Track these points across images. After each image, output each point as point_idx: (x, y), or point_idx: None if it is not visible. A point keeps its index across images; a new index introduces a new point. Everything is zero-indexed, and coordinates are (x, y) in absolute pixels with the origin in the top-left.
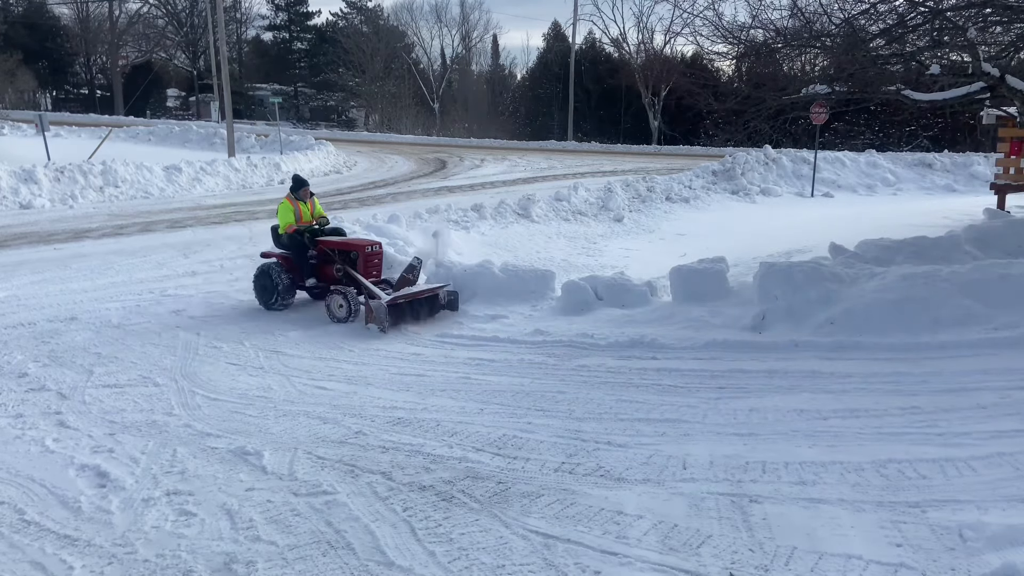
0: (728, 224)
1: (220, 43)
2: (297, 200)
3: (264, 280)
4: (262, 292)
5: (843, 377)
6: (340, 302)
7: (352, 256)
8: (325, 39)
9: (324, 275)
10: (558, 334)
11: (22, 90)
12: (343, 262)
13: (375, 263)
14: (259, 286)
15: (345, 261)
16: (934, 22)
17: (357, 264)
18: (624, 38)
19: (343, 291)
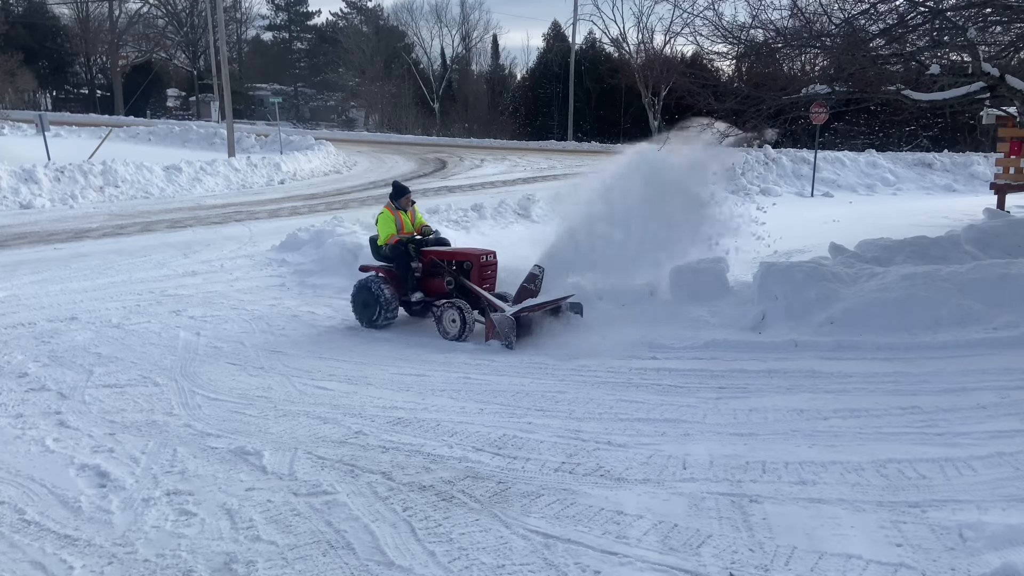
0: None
1: (220, 43)
2: (398, 209)
3: (365, 295)
4: (363, 308)
5: (843, 377)
6: (453, 317)
7: (465, 267)
8: (325, 39)
9: (430, 289)
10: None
11: (22, 90)
12: (455, 274)
13: (490, 274)
14: (359, 302)
15: (458, 272)
16: (934, 22)
17: (471, 275)
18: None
19: (458, 305)
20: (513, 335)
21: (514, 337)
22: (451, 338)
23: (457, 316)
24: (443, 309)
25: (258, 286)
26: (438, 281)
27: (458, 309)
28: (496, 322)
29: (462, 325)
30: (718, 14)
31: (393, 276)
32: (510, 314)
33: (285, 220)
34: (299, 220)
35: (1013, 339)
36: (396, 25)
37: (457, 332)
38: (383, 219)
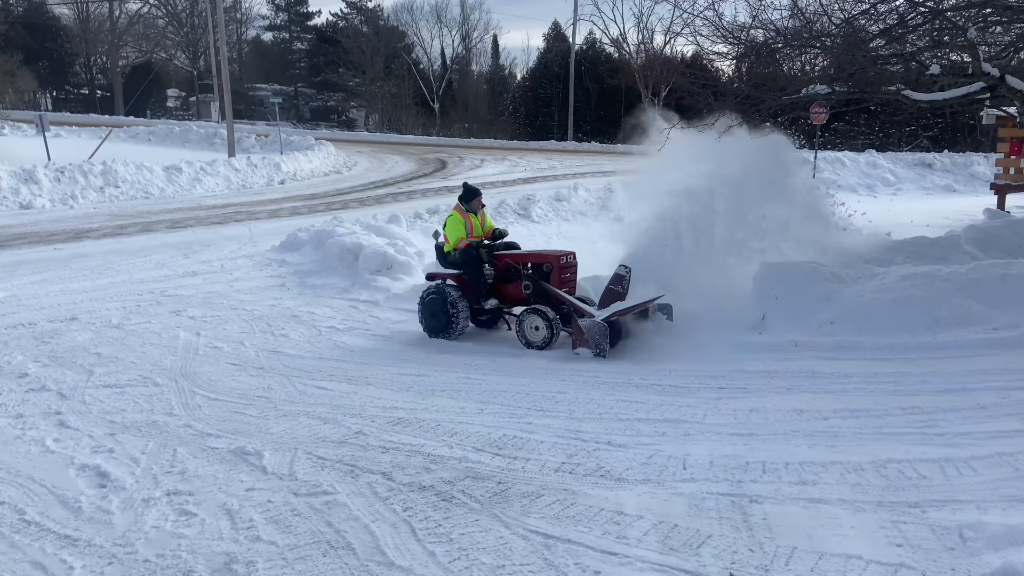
0: None
1: (220, 43)
2: (468, 212)
3: (436, 304)
4: (432, 318)
5: (843, 377)
6: (537, 323)
7: (544, 269)
8: (325, 39)
9: (504, 295)
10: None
11: (22, 90)
12: (532, 278)
13: (569, 277)
14: (429, 312)
15: (536, 276)
16: (934, 22)
17: (550, 279)
18: (624, 38)
19: (541, 310)
20: (606, 342)
21: (607, 344)
22: (535, 346)
23: (541, 322)
24: (524, 315)
25: (258, 286)
26: (513, 286)
27: (542, 315)
28: (585, 329)
29: (548, 332)
30: (718, 14)
31: (463, 283)
32: (601, 319)
33: (285, 220)
34: (299, 220)
35: (1013, 339)
36: (396, 25)
37: (542, 340)
38: (452, 222)
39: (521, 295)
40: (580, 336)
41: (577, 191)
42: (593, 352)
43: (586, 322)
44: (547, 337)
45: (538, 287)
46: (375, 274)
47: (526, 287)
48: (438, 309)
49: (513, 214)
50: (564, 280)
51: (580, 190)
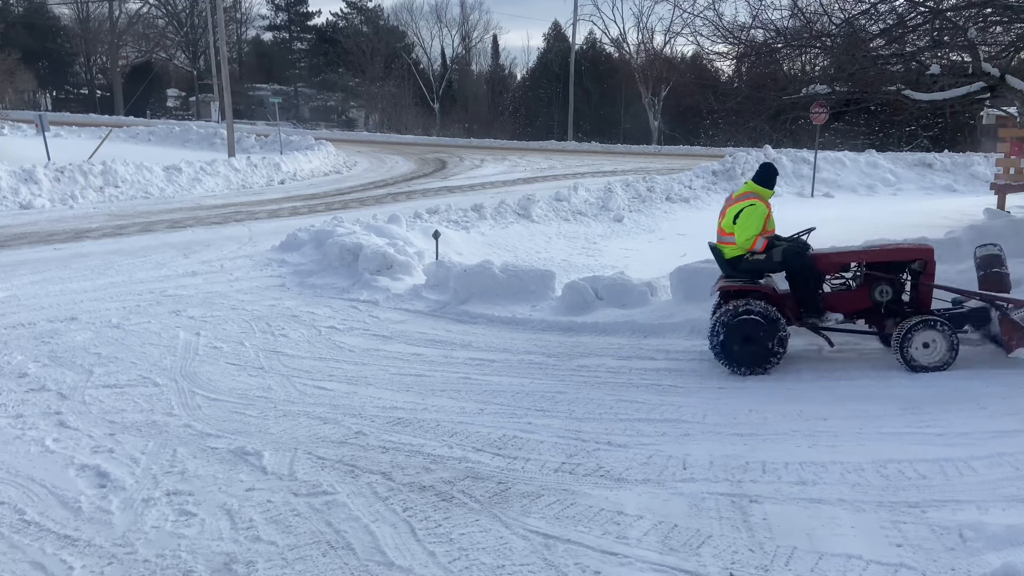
0: None
1: (220, 43)
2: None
3: (753, 328)
4: (745, 346)
5: (843, 377)
6: (929, 339)
7: (915, 268)
8: (325, 39)
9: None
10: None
11: (22, 90)
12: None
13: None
14: (740, 338)
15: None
16: (934, 22)
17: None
18: (624, 38)
19: (936, 321)
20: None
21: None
22: (925, 369)
23: (937, 337)
24: (912, 331)
25: (258, 286)
26: (848, 295)
27: (941, 329)
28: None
29: (949, 349)
30: (718, 14)
31: (774, 295)
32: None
33: (285, 220)
34: (299, 220)
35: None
36: (396, 25)
37: (939, 360)
38: (755, 214)
39: (860, 304)
40: (1019, 334)
41: (577, 191)
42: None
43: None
44: (947, 356)
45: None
46: (375, 274)
47: (882, 293)
48: (757, 334)
49: (513, 214)
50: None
51: (580, 190)
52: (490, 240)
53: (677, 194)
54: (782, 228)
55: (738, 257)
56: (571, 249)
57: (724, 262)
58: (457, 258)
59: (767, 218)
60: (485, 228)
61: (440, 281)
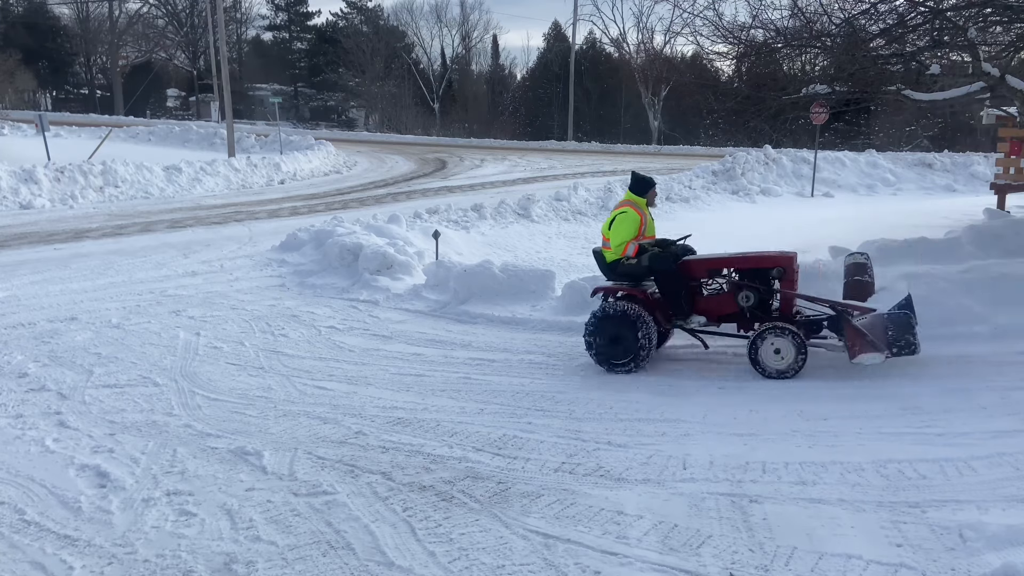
0: (728, 224)
1: (220, 43)
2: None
3: (617, 327)
4: (611, 346)
5: (843, 377)
6: (778, 346)
7: (774, 274)
8: (325, 39)
9: (701, 311)
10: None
11: (22, 90)
12: (755, 287)
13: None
14: (607, 338)
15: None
16: (934, 22)
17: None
18: (624, 38)
19: (785, 327)
20: (912, 336)
21: (915, 338)
22: (776, 375)
23: (787, 344)
24: (763, 337)
25: (258, 286)
26: (715, 299)
27: (788, 334)
28: (867, 328)
29: (796, 355)
30: (718, 14)
31: (646, 297)
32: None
33: (285, 220)
34: (299, 220)
35: (1013, 339)
36: (396, 25)
37: (787, 366)
38: (626, 221)
39: (727, 309)
40: (860, 340)
41: (577, 191)
42: (887, 353)
43: (867, 320)
44: (794, 362)
45: (763, 298)
46: (375, 274)
47: (745, 298)
48: (623, 332)
49: (513, 214)
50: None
51: (580, 190)
52: (490, 240)
53: (677, 194)
54: (781, 227)
55: (616, 261)
56: (571, 249)
57: (604, 266)
58: (457, 258)
59: (641, 225)
60: (485, 228)
61: (440, 281)
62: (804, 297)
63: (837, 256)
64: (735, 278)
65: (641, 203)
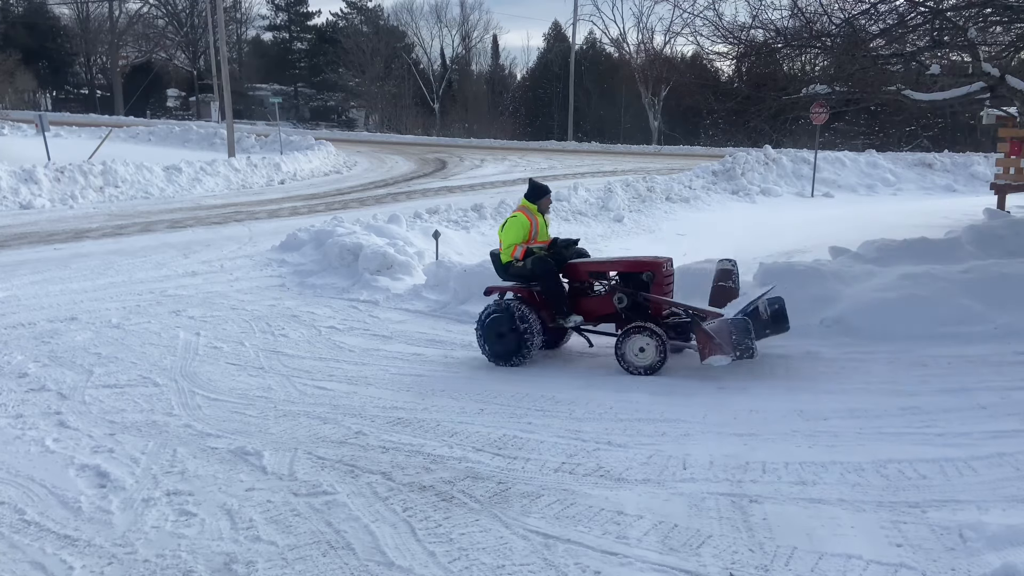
0: (728, 224)
1: (220, 43)
2: (535, 213)
3: (503, 323)
4: (498, 341)
5: (843, 377)
6: (643, 344)
7: (644, 278)
8: (325, 39)
9: (582, 311)
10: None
11: (22, 90)
12: (628, 290)
13: (670, 287)
14: (494, 334)
15: (635, 287)
16: (934, 22)
17: (650, 289)
18: (624, 38)
19: (648, 327)
20: (750, 340)
21: (753, 342)
22: (638, 371)
23: (649, 342)
24: (628, 336)
25: (258, 286)
26: (595, 300)
27: (650, 334)
28: (715, 332)
29: (658, 353)
30: (718, 14)
31: (533, 297)
32: (735, 316)
33: (285, 220)
34: (299, 220)
35: (1013, 339)
36: (396, 25)
37: (651, 362)
38: (514, 225)
39: (606, 309)
40: (710, 342)
41: (577, 191)
42: (733, 356)
43: (714, 324)
44: (656, 360)
45: (635, 300)
46: (375, 274)
47: (619, 300)
48: (506, 330)
49: None
50: (665, 292)
51: (580, 190)
52: (490, 240)
53: (677, 194)
54: (781, 227)
55: (509, 263)
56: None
57: (498, 267)
58: (457, 258)
59: (531, 229)
60: (485, 228)
61: (440, 281)
62: (663, 301)
63: (837, 256)
64: (616, 281)
65: (533, 209)
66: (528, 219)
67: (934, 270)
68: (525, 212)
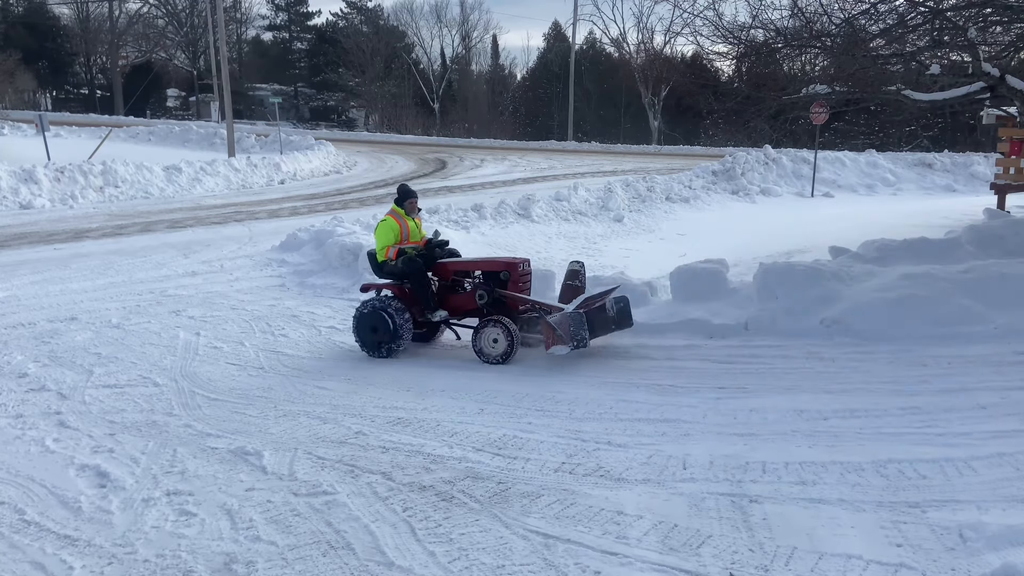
0: (728, 224)
1: (220, 43)
2: (404, 216)
3: (374, 319)
4: (371, 334)
5: (843, 377)
6: (495, 336)
7: (502, 277)
8: (325, 39)
9: (451, 306)
10: None
11: (22, 90)
12: (487, 287)
13: (524, 285)
14: (367, 327)
15: (494, 285)
16: (934, 22)
17: (507, 287)
18: (624, 38)
19: (499, 321)
20: (584, 332)
21: (586, 334)
22: (494, 360)
23: (500, 334)
24: (482, 328)
25: (258, 286)
26: (461, 296)
27: (501, 327)
28: (556, 324)
29: (509, 344)
30: (718, 14)
31: (405, 294)
32: (572, 310)
33: (285, 220)
34: (299, 220)
35: (1013, 339)
36: (396, 25)
37: (502, 352)
38: (384, 227)
39: (470, 305)
40: (552, 334)
41: (577, 191)
42: (571, 346)
43: (555, 317)
44: (507, 350)
45: (494, 296)
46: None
47: (480, 296)
48: (379, 324)
49: (513, 214)
50: (521, 289)
51: (580, 190)
52: (490, 240)
53: (677, 194)
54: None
55: (384, 262)
56: (571, 249)
57: (375, 266)
58: None
59: (400, 231)
60: (485, 228)
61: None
62: (516, 297)
63: (837, 256)
64: (479, 279)
65: (401, 212)
66: (397, 222)
67: (934, 270)
68: (394, 215)
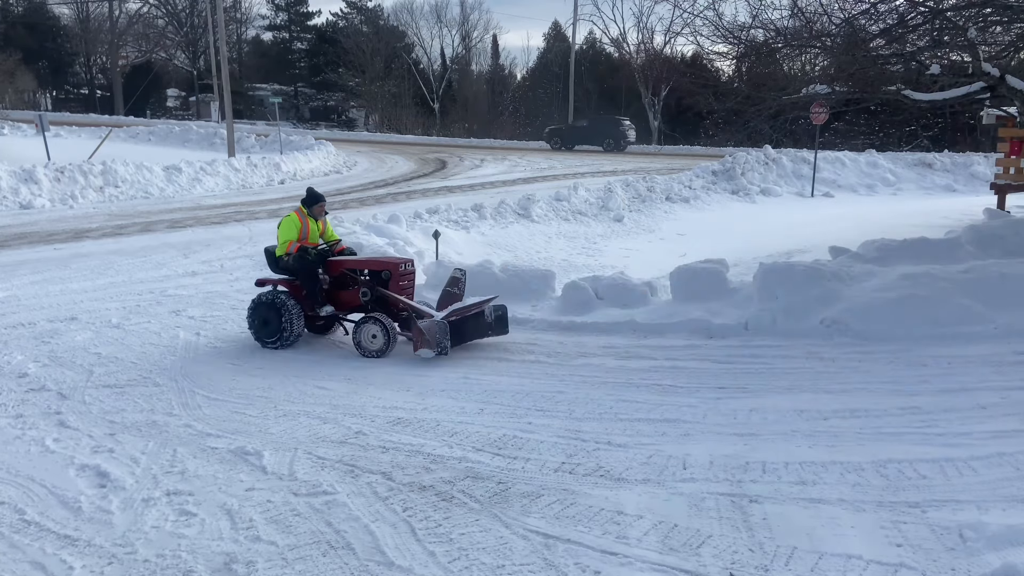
0: (728, 224)
1: (220, 43)
2: (307, 216)
3: (267, 312)
4: (263, 326)
5: (843, 377)
6: (374, 332)
7: (384, 276)
8: (325, 39)
9: (339, 302)
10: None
11: (22, 90)
12: (371, 285)
13: (407, 284)
14: (259, 319)
15: (375, 283)
16: (934, 22)
17: (388, 287)
18: (624, 38)
19: (378, 318)
20: (447, 340)
21: (448, 342)
22: (371, 355)
23: (379, 331)
24: (361, 324)
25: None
26: (349, 293)
27: (379, 323)
28: (425, 329)
29: (385, 340)
30: (718, 14)
31: (296, 289)
32: (440, 318)
33: None
34: None
35: (1013, 339)
36: (396, 25)
37: (379, 347)
38: (286, 224)
39: (357, 302)
40: (420, 337)
41: (577, 191)
42: (435, 351)
43: (425, 322)
44: (384, 345)
45: (376, 294)
46: None
47: (364, 294)
48: (270, 316)
49: (513, 214)
50: (402, 288)
51: (580, 190)
52: (490, 240)
53: (677, 194)
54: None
55: (280, 257)
56: (571, 249)
57: (271, 262)
58: (457, 258)
59: (302, 230)
60: (485, 228)
61: (440, 281)
62: (394, 298)
63: (837, 256)
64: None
65: (305, 212)
66: (300, 220)
67: (934, 270)
68: (298, 213)
